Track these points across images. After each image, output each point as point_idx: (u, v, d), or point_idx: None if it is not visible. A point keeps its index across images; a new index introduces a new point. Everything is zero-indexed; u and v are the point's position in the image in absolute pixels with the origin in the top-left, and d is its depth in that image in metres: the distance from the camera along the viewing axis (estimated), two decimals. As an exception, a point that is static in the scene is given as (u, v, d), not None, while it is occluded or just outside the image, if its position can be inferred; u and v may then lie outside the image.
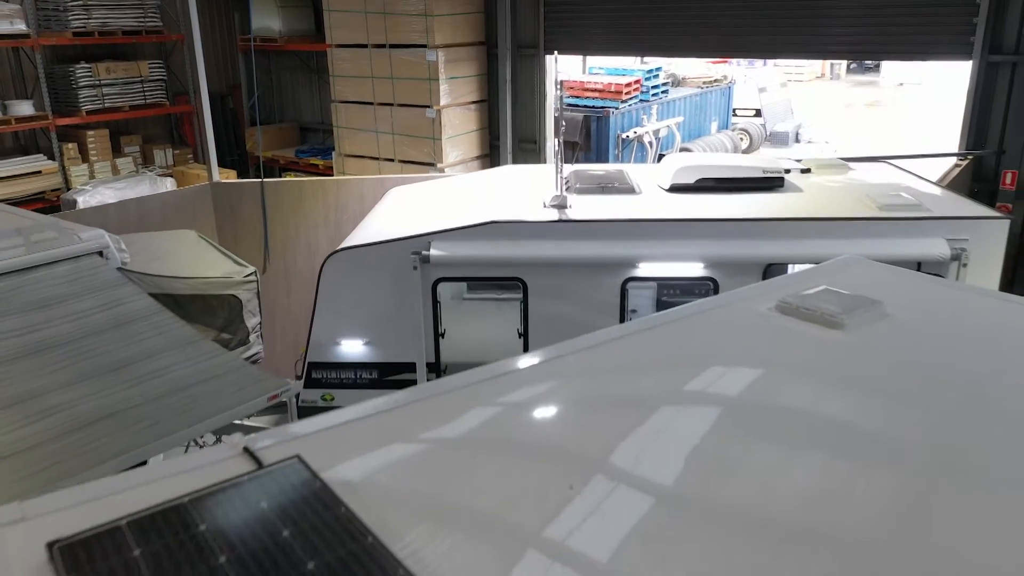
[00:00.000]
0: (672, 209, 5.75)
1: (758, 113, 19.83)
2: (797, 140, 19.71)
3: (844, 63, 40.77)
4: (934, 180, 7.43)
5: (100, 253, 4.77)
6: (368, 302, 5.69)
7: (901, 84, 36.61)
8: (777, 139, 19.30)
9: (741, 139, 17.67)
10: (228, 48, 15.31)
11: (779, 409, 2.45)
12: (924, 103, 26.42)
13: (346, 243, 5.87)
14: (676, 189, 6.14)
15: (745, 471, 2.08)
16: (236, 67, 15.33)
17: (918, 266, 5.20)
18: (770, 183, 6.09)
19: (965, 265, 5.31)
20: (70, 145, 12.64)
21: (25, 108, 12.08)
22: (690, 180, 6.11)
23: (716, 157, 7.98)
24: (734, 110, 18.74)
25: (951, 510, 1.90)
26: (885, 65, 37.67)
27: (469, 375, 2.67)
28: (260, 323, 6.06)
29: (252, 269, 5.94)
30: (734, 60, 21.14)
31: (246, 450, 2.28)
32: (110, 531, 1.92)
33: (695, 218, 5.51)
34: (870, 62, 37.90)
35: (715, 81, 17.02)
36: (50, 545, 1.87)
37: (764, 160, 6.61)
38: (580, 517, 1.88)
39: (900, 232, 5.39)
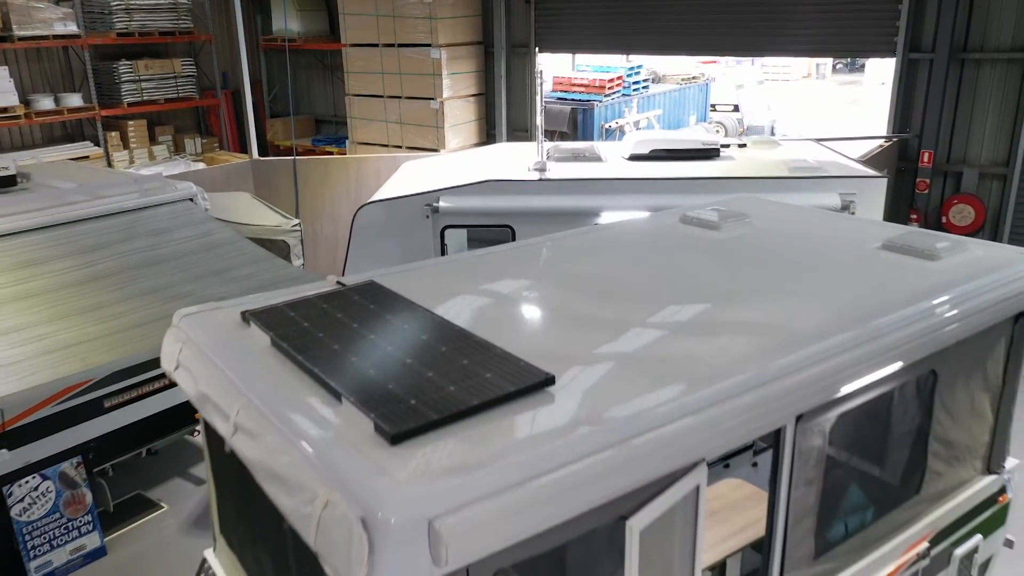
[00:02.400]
0: (627, 172, 7.31)
1: (736, 108, 21.38)
2: (772, 133, 21.24)
3: (830, 64, 42.36)
4: (855, 157, 8.98)
5: (191, 200, 6.32)
6: (390, 244, 7.23)
7: (883, 83, 37.85)
8: (754, 132, 20.82)
9: (717, 131, 19.21)
10: (251, 48, 16.82)
11: (663, 266, 4.08)
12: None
13: (373, 198, 7.42)
14: (634, 158, 7.71)
15: (630, 286, 3.76)
16: (258, 65, 16.86)
17: (817, 214, 6.74)
18: (708, 153, 7.66)
19: (853, 213, 6.86)
20: (113, 133, 14.18)
21: (74, 100, 13.61)
22: (645, 151, 7.68)
23: (667, 133, 9.48)
24: (713, 105, 20.29)
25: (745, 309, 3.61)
26: (869, 65, 39.01)
27: (469, 253, 4.37)
28: (303, 264, 7.61)
29: (297, 220, 7.49)
30: (721, 59, 22.74)
31: (338, 282, 3.89)
32: (274, 307, 3.50)
33: (643, 177, 7.07)
34: (858, 62, 39.43)
35: (693, 78, 18.57)
36: (243, 313, 3.45)
37: (705, 135, 8.15)
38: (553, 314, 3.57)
39: (803, 188, 6.94)
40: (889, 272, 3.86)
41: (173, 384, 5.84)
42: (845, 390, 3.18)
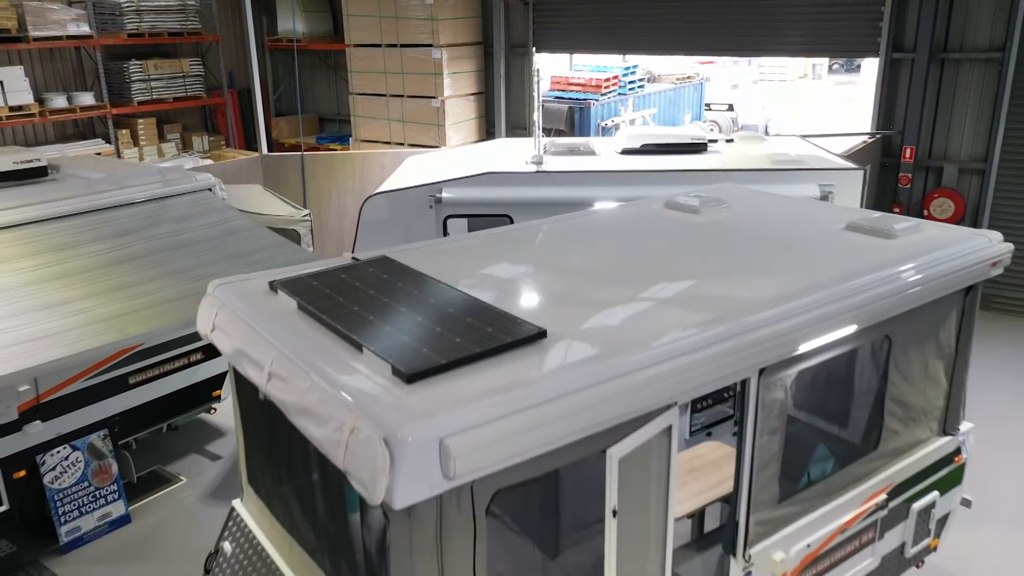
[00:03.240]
0: (619, 165, 7.73)
1: (731, 107, 21.81)
2: (766, 131, 21.66)
3: (826, 64, 42.86)
4: (840, 152, 9.41)
5: (210, 189, 6.75)
6: (396, 233, 7.65)
7: (878, 83, 38.06)
8: (748, 131, 21.26)
9: (711, 129, 19.63)
10: (257, 48, 17.24)
11: (647, 244, 4.51)
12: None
13: (379, 190, 7.84)
14: (626, 152, 8.13)
15: (617, 259, 4.19)
16: (264, 65, 17.27)
17: (797, 204, 7.16)
18: (696, 147, 8.09)
19: (832, 203, 7.28)
20: (123, 131, 14.59)
21: (87, 99, 14.02)
22: (636, 145, 8.11)
23: (658, 129, 9.87)
24: (708, 104, 20.72)
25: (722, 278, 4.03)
26: (865, 65, 39.40)
27: (471, 233, 4.81)
28: (312, 252, 8.03)
29: (307, 211, 7.91)
30: (717, 60, 23.21)
31: (353, 257, 4.31)
32: (298, 277, 3.93)
33: (634, 170, 7.50)
34: (854, 63, 39.91)
35: (688, 78, 19.01)
36: (270, 283, 3.88)
37: (693, 130, 8.58)
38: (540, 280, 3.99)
39: (785, 180, 7.37)
40: (849, 248, 4.29)
41: (192, 364, 6.28)
42: (803, 348, 3.61)
